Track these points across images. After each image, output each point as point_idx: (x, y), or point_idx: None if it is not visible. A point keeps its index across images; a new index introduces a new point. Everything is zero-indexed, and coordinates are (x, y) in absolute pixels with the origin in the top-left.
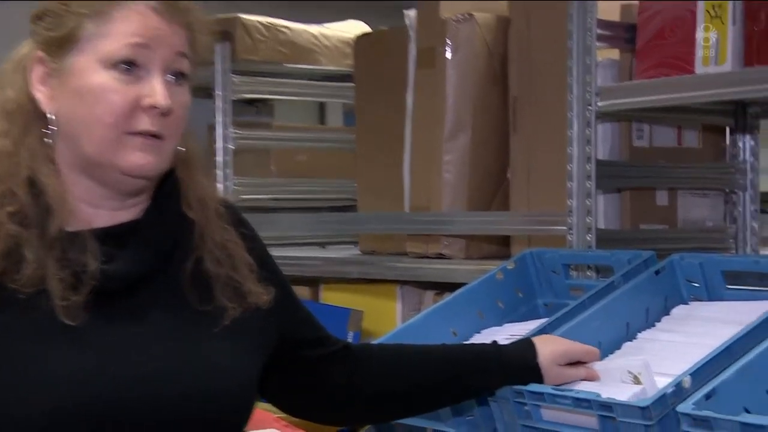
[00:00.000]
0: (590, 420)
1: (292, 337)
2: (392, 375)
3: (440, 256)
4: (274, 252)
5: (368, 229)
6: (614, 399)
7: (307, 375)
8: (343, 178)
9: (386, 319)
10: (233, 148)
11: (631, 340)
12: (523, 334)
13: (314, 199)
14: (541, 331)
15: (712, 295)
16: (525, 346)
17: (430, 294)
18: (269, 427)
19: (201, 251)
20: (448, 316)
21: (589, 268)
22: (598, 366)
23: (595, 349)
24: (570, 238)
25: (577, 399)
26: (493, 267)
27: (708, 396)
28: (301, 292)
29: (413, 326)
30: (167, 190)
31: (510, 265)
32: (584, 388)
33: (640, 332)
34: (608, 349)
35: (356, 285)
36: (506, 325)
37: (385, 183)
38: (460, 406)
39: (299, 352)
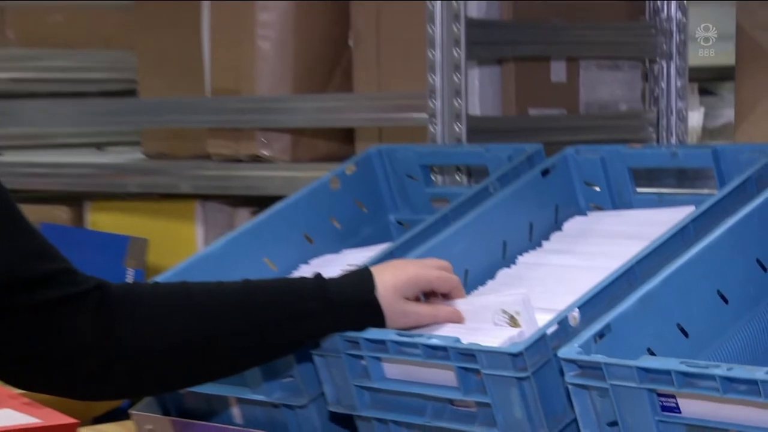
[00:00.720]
0: (448, 375)
1: None
2: (167, 328)
3: (256, 160)
4: (17, 157)
5: (154, 123)
6: (478, 345)
7: (33, 332)
8: (117, 49)
9: (182, 250)
10: None
11: (509, 266)
12: (366, 262)
13: (75, 80)
14: (389, 257)
15: (617, 201)
16: (360, 277)
17: (244, 213)
18: (2, 407)
19: None
20: (263, 242)
21: (458, 170)
22: (463, 303)
23: (454, 277)
24: (432, 130)
25: (430, 347)
26: (327, 173)
27: (600, 335)
28: (56, 213)
29: (213, 256)
30: None
31: (349, 168)
32: (443, 332)
33: (521, 255)
34: (478, 278)
35: (138, 202)
36: (345, 251)
37: (176, 55)
38: (273, 366)
39: (14, 299)
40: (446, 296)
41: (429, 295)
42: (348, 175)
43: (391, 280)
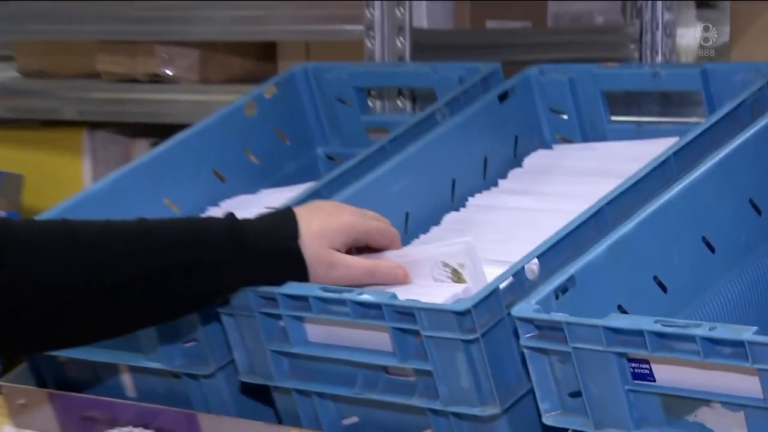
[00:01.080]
0: (382, 338)
1: None
2: (42, 274)
3: (156, 80)
4: None
5: (30, 34)
6: (417, 302)
7: None
8: None
9: (66, 188)
10: None
11: (457, 209)
12: (288, 203)
13: None
14: (315, 197)
15: (588, 132)
16: (280, 220)
17: (141, 144)
18: None
19: None
20: (163, 179)
21: (399, 94)
22: (399, 254)
23: (393, 230)
24: (369, 45)
25: (360, 304)
26: (242, 96)
27: (562, 290)
28: None
29: (101, 195)
30: None
31: (269, 91)
32: (377, 288)
33: (472, 196)
34: (421, 224)
35: (11, 131)
36: (263, 191)
37: None
38: (173, 327)
39: None
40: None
41: (362, 250)
42: (267, 99)
43: (319, 225)
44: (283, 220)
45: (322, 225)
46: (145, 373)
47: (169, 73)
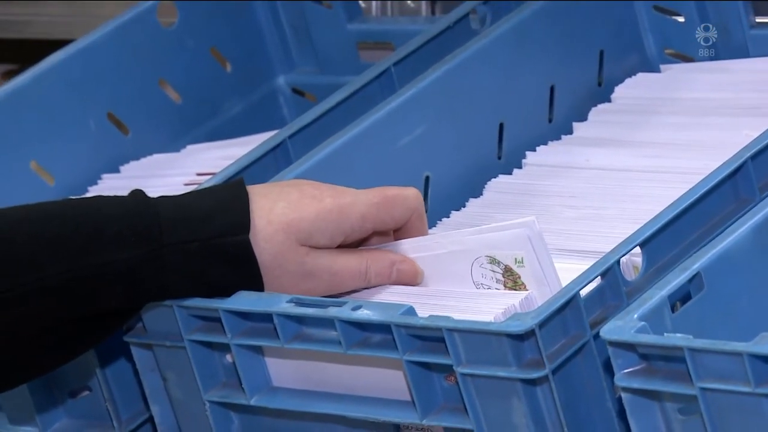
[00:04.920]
0: (391, 378)
1: None
2: None
3: None
4: None
5: None
6: (448, 320)
7: None
8: None
9: None
10: None
11: (509, 172)
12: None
13: None
14: (276, 155)
15: (719, 43)
16: (222, 201)
17: None
18: None
19: None
20: (28, 130)
21: None
22: (420, 245)
23: (411, 194)
24: None
25: (356, 325)
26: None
27: (682, 297)
28: None
29: None
30: None
31: None
32: (382, 298)
33: (532, 149)
34: (449, 195)
35: None
36: (190, 147)
37: None
38: (55, 373)
39: None
40: (398, 233)
41: (366, 239)
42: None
43: (285, 210)
44: (228, 201)
45: (291, 210)
46: None
47: None
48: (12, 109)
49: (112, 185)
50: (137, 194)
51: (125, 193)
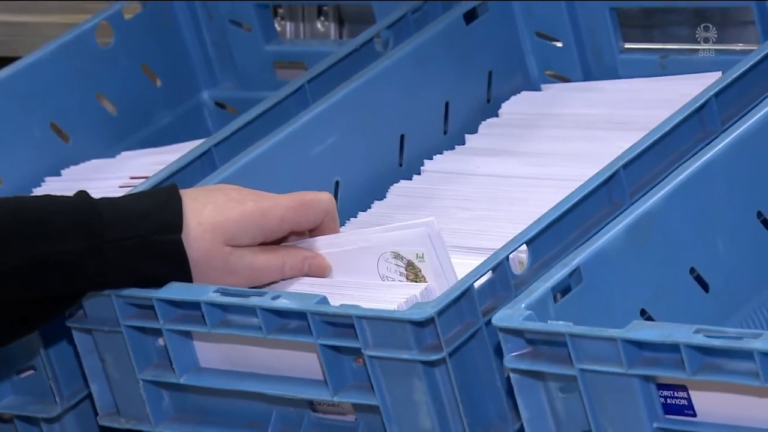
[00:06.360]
0: (306, 360)
1: None
2: None
3: None
4: None
5: None
6: (357, 308)
7: None
8: None
9: None
10: None
11: (409, 177)
12: (152, 179)
13: None
14: (201, 160)
15: (593, 65)
16: (157, 202)
17: None
18: None
19: None
20: None
21: (321, 14)
22: (330, 242)
23: (323, 198)
24: None
25: (276, 312)
26: (90, 16)
27: (563, 289)
28: None
29: None
30: None
31: (130, 8)
32: (297, 289)
33: (429, 158)
34: (357, 198)
35: None
36: (124, 154)
37: None
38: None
39: None
40: (313, 233)
41: (283, 239)
42: (129, 21)
43: (213, 213)
44: (162, 203)
45: (218, 212)
46: None
47: None
48: None
49: (55, 187)
50: (82, 194)
51: (67, 194)
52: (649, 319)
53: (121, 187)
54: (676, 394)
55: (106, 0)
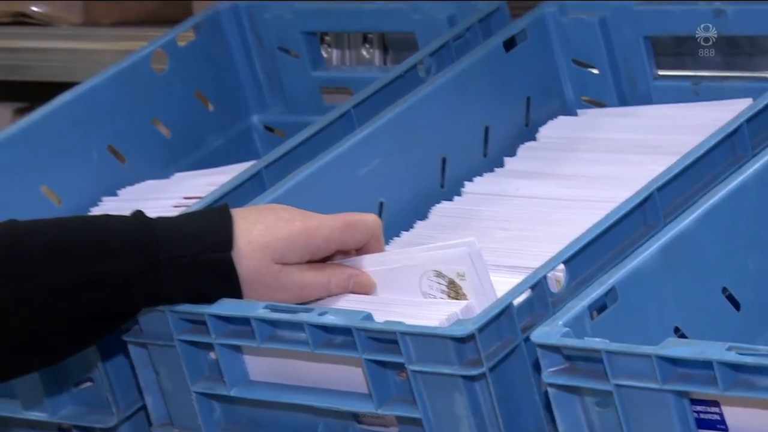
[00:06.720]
0: (351, 374)
1: None
2: None
3: (23, 21)
4: None
5: None
6: (401, 324)
7: None
8: None
9: None
10: None
11: (450, 198)
12: (204, 199)
13: None
14: (251, 182)
15: (627, 92)
16: (209, 222)
17: (3, 111)
18: None
19: None
20: (38, 159)
21: (366, 41)
22: (374, 261)
23: (370, 219)
24: None
25: (323, 328)
26: (146, 44)
27: (599, 307)
28: None
29: None
30: None
31: (183, 37)
32: (343, 305)
33: (470, 180)
34: (399, 219)
35: None
36: (177, 175)
37: None
38: (60, 366)
39: None
40: (358, 252)
41: (330, 258)
42: (182, 48)
43: (263, 232)
44: (214, 223)
45: (267, 232)
46: (23, 427)
47: (41, 11)
48: (26, 140)
49: (111, 207)
50: (138, 214)
51: (124, 213)
52: (683, 336)
53: (174, 206)
54: (708, 410)
55: (161, 27)
